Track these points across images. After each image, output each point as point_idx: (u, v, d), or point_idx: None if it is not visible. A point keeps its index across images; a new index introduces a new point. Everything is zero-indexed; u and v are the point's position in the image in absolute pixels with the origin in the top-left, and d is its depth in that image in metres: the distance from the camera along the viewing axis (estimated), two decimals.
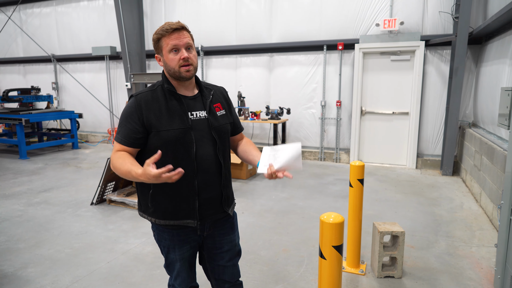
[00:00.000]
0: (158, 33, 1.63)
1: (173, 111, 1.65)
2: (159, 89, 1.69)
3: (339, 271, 1.72)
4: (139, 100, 1.64)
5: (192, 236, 1.77)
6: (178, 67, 1.62)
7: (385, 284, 2.86)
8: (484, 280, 2.90)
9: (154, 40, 1.66)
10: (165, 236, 1.75)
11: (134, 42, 8.23)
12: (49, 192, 5.28)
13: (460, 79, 5.87)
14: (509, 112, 2.54)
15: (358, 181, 2.97)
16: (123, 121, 1.66)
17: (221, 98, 1.84)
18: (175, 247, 1.75)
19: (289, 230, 3.92)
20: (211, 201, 1.73)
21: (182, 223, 1.70)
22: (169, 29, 1.60)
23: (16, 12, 10.09)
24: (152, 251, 3.42)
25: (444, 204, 4.70)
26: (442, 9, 6.25)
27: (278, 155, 1.60)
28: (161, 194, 1.67)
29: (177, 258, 1.77)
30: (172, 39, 1.60)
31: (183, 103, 1.68)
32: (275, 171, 1.56)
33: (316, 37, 7.12)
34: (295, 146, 1.58)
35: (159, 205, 1.69)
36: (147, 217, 1.75)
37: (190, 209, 1.68)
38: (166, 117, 1.63)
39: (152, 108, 1.63)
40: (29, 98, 8.90)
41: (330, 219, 1.66)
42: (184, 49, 1.62)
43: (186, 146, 1.63)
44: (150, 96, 1.66)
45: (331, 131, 7.34)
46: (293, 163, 1.56)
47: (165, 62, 1.66)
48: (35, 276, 2.99)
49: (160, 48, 1.65)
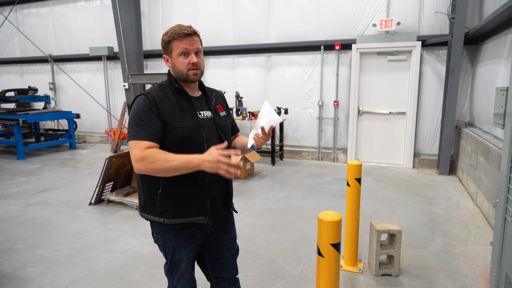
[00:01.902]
0: (170, 35, 1.65)
1: (184, 109, 1.69)
2: (168, 88, 1.72)
3: (337, 269, 1.75)
4: (153, 97, 1.65)
5: (198, 235, 1.79)
6: (186, 70, 1.67)
7: (383, 282, 2.89)
8: (480, 277, 2.94)
9: (165, 41, 1.68)
10: (171, 238, 1.75)
11: (132, 42, 8.23)
12: (47, 193, 5.28)
13: (456, 79, 5.92)
14: (504, 112, 2.58)
15: (355, 180, 2.99)
16: (142, 117, 1.60)
17: (221, 101, 1.93)
18: (181, 248, 1.76)
19: (287, 229, 3.94)
20: (218, 198, 1.79)
21: (193, 221, 1.71)
22: (181, 33, 1.64)
23: (12, 12, 10.06)
24: (151, 251, 3.44)
25: (441, 203, 4.74)
26: (438, 9, 6.29)
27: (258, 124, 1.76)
28: (172, 193, 1.68)
29: (183, 258, 1.78)
30: (184, 44, 1.64)
31: (192, 102, 1.73)
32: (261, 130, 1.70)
33: (314, 37, 7.15)
34: (264, 105, 1.77)
35: (170, 204, 1.69)
36: (153, 218, 1.72)
37: (202, 205, 1.72)
38: (179, 115, 1.66)
39: (165, 105, 1.65)
40: (26, 98, 8.86)
41: (328, 218, 1.69)
42: (193, 54, 1.67)
43: (198, 143, 1.68)
44: (162, 94, 1.68)
45: (329, 131, 7.38)
46: (270, 118, 1.72)
47: (173, 64, 1.70)
48: (34, 276, 2.99)
49: (169, 50, 1.69)
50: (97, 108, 9.65)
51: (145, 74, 7.30)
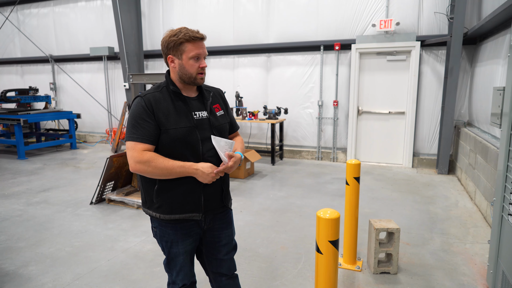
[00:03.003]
0: (183, 37, 1.69)
1: (179, 111, 1.74)
2: (164, 90, 1.77)
3: (335, 266, 1.77)
4: (148, 99, 1.70)
5: (195, 229, 1.85)
6: (195, 74, 1.74)
7: (381, 279, 2.92)
8: (477, 275, 2.97)
9: (176, 42, 1.70)
10: (168, 231, 1.81)
11: (132, 42, 8.26)
12: (48, 192, 5.31)
13: (455, 79, 5.95)
14: (501, 111, 2.60)
15: (354, 179, 3.02)
16: (138, 120, 1.67)
17: (219, 99, 1.96)
18: (178, 241, 1.82)
19: (287, 228, 3.97)
20: (213, 196, 1.84)
21: (187, 217, 1.78)
22: (196, 37, 1.70)
23: (13, 12, 10.09)
24: (152, 249, 3.47)
25: (440, 202, 4.77)
26: (437, 10, 6.32)
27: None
28: (167, 190, 1.74)
29: (180, 252, 1.83)
30: (198, 48, 1.71)
31: (188, 104, 1.77)
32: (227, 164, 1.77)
33: (313, 37, 7.18)
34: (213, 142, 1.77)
35: (165, 200, 1.75)
36: (151, 213, 1.81)
37: (196, 202, 1.78)
38: (173, 116, 1.71)
39: (161, 107, 1.71)
40: (27, 98, 8.90)
41: (326, 215, 1.72)
42: (203, 59, 1.75)
43: (193, 143, 1.73)
44: (158, 96, 1.73)
45: (328, 130, 7.40)
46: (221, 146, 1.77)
47: (182, 66, 1.73)
48: (36, 274, 3.02)
49: (180, 52, 1.72)
50: (97, 108, 9.67)
51: (145, 74, 7.33)
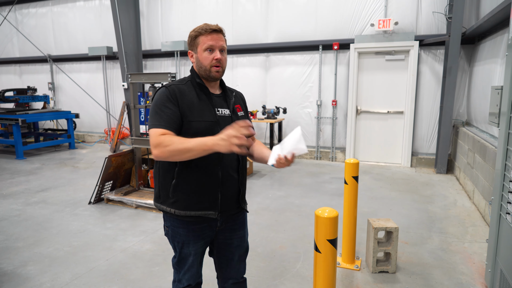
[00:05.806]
0: (197, 31, 1.71)
1: (203, 104, 1.72)
2: (189, 83, 1.76)
3: (333, 264, 1.77)
4: (173, 89, 1.69)
5: (207, 232, 1.81)
6: (209, 66, 1.71)
7: (380, 278, 2.92)
8: (476, 274, 2.97)
9: (192, 37, 1.73)
10: (180, 232, 1.78)
11: (131, 42, 8.24)
12: (47, 192, 5.30)
13: (454, 78, 5.96)
14: (499, 110, 2.61)
15: (352, 178, 3.03)
16: (161, 107, 1.64)
17: (240, 101, 1.94)
18: (190, 242, 1.79)
19: (286, 227, 3.97)
20: (230, 195, 1.81)
21: (203, 214, 1.74)
22: (208, 29, 1.69)
23: (11, 12, 10.06)
24: (150, 249, 3.46)
25: (438, 202, 4.78)
26: (435, 9, 6.33)
27: (284, 146, 1.69)
28: (185, 185, 1.71)
29: (191, 253, 1.81)
30: (210, 39, 1.69)
31: (212, 99, 1.76)
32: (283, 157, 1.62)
33: (312, 37, 7.19)
34: (296, 130, 1.70)
35: (182, 196, 1.72)
36: (165, 208, 1.77)
37: (213, 200, 1.74)
38: (197, 109, 1.70)
39: (185, 98, 1.69)
40: (25, 98, 8.88)
41: (325, 214, 1.71)
42: (218, 50, 1.71)
43: None
44: (182, 88, 1.72)
45: (327, 130, 7.41)
46: (297, 146, 1.66)
47: (197, 59, 1.74)
48: (34, 274, 3.02)
49: (195, 45, 1.73)
50: (96, 108, 9.66)
51: (144, 73, 7.30)
